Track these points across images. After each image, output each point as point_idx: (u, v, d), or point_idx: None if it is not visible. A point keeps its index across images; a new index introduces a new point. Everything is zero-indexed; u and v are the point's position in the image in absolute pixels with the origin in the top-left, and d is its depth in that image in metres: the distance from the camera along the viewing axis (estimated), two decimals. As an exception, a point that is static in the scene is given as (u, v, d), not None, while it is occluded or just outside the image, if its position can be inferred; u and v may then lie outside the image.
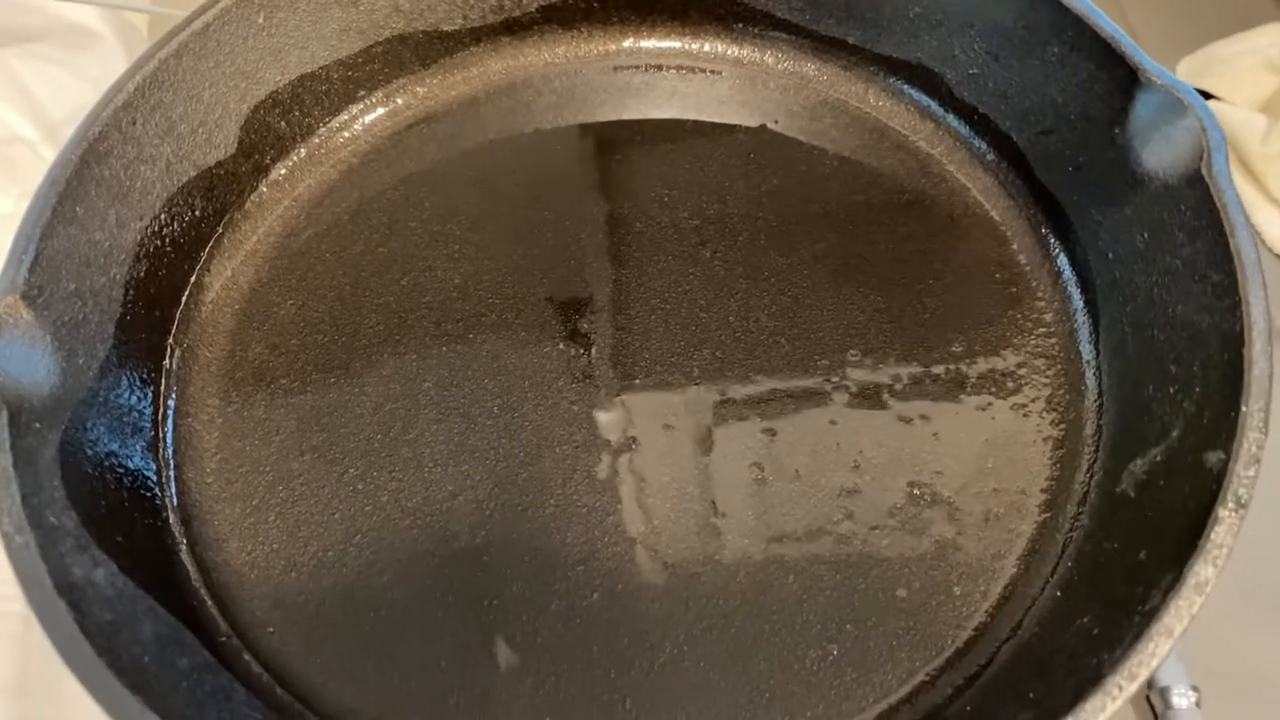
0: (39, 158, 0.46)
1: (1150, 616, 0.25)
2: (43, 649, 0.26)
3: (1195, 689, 0.35)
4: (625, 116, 0.43)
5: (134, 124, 0.35)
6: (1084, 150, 0.36)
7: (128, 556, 0.30)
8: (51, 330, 0.31)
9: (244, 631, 0.31)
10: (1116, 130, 0.35)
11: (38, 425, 0.29)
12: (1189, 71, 0.54)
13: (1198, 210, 0.31)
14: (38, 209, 0.31)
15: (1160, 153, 0.33)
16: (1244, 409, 0.27)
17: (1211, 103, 0.52)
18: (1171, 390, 0.31)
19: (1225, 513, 0.26)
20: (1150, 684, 0.35)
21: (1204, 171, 0.31)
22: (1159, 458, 0.31)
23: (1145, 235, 0.34)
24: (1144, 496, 0.31)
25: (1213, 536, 0.26)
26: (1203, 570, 0.25)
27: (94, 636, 0.26)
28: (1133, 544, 0.29)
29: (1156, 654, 0.25)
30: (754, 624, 0.31)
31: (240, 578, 0.32)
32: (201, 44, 0.36)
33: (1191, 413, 0.30)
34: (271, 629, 0.32)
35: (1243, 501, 0.26)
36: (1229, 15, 0.56)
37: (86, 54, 0.49)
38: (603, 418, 0.35)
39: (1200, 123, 0.32)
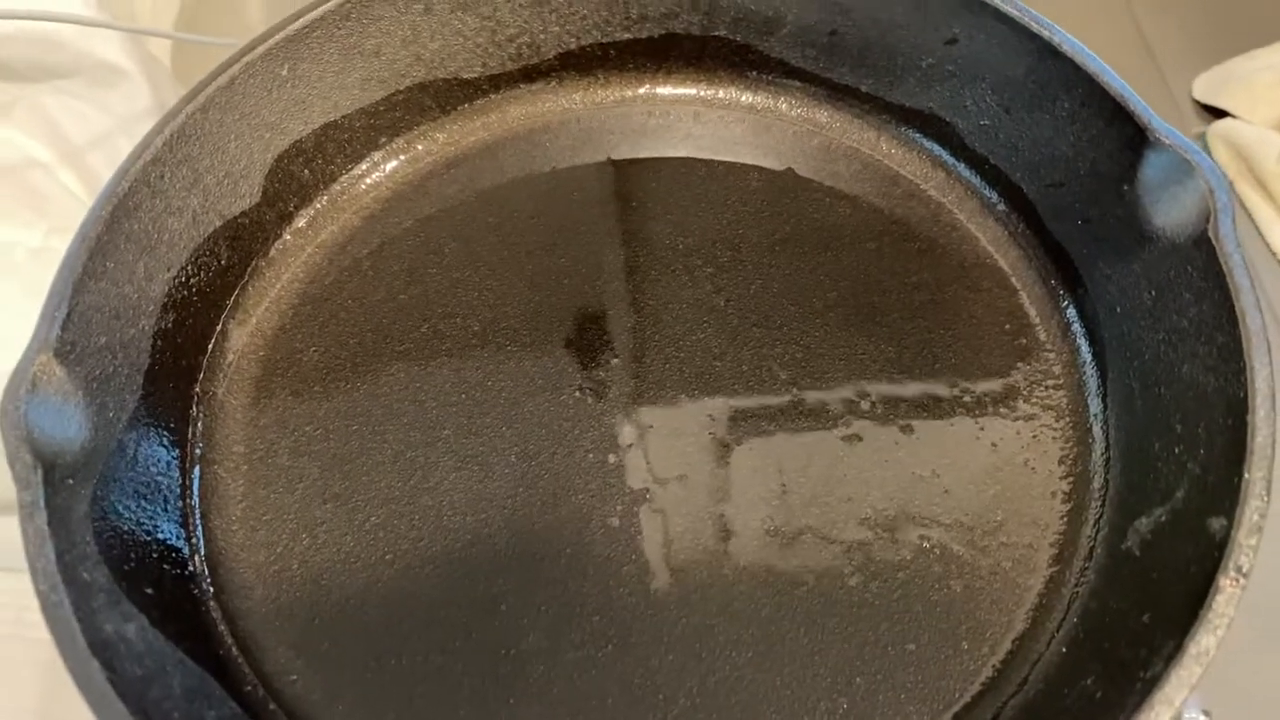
0: (60, 186, 0.47)
1: (1152, 684, 0.26)
2: (67, 676, 0.26)
3: (1207, 713, 0.35)
4: (641, 155, 0.44)
5: (162, 178, 0.35)
6: (1093, 205, 0.37)
7: (157, 608, 0.31)
8: (83, 385, 0.31)
9: (269, 681, 0.32)
10: (1125, 187, 0.35)
11: (70, 481, 0.30)
12: (1205, 88, 0.54)
13: (1204, 271, 0.32)
14: (69, 267, 0.32)
15: (1168, 212, 0.33)
16: (1246, 476, 0.28)
17: (1227, 120, 0.52)
18: (1177, 450, 0.32)
19: (1227, 582, 0.26)
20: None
21: (1211, 234, 0.31)
22: (1164, 518, 0.31)
23: (1153, 292, 0.34)
24: (1148, 556, 0.31)
25: (1214, 606, 0.26)
26: (1204, 640, 0.26)
27: (126, 694, 0.26)
28: (1137, 605, 0.30)
29: (1158, 724, 0.25)
30: (765, 677, 0.32)
31: (266, 625, 0.33)
32: (228, 97, 0.37)
33: (1196, 474, 0.30)
34: (295, 677, 0.32)
35: (1244, 571, 0.26)
36: (1245, 32, 0.56)
37: (113, 91, 0.50)
38: (619, 467, 0.36)
39: (1207, 184, 0.32)
